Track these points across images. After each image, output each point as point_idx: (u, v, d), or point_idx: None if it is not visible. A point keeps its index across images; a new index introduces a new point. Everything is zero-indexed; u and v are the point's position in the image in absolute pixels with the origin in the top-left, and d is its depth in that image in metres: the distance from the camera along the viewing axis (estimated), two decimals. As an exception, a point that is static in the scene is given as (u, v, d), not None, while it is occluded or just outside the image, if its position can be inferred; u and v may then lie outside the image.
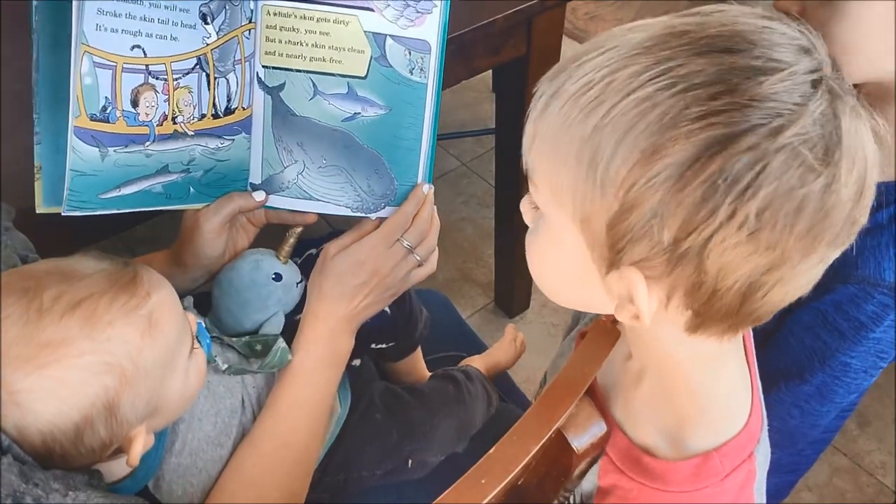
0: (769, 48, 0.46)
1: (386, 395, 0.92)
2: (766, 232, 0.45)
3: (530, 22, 1.19)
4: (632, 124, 0.45)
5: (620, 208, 0.47)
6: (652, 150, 0.45)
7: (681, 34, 0.47)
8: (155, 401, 0.65)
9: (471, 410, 0.95)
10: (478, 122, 2.26)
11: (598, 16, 2.70)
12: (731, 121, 0.44)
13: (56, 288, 0.60)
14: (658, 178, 0.45)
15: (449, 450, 0.93)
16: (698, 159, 0.44)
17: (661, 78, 0.45)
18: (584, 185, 0.48)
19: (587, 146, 0.47)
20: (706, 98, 0.44)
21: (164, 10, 0.72)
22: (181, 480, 0.73)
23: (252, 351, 0.79)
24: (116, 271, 0.64)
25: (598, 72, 0.47)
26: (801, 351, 0.86)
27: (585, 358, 0.61)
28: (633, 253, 0.48)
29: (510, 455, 0.55)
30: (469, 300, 1.83)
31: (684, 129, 0.44)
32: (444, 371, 1.00)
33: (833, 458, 1.56)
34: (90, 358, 0.60)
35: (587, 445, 0.61)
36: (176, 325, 0.67)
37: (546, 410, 0.58)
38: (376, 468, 0.89)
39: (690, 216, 0.45)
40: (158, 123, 0.74)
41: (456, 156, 2.17)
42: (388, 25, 0.78)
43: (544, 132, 0.50)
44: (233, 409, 0.77)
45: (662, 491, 0.57)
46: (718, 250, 0.46)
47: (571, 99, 0.48)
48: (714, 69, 0.45)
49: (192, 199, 0.81)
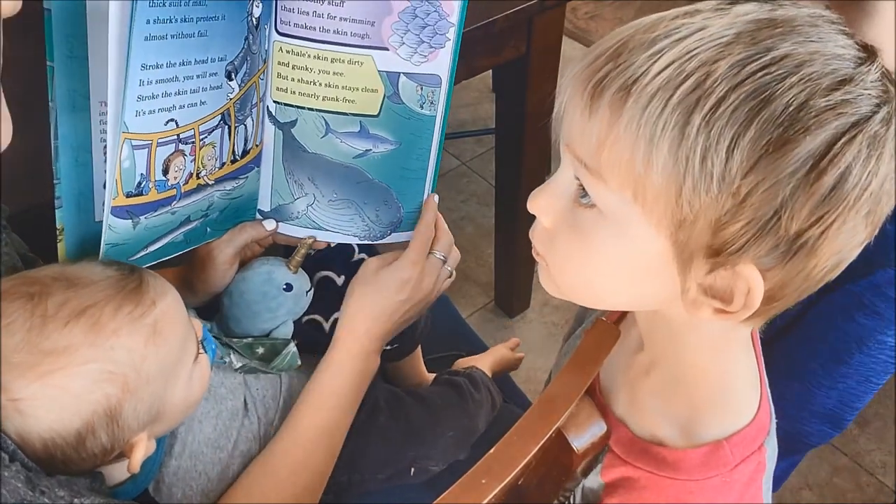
0: (842, 38, 0.47)
1: (391, 399, 0.92)
2: (874, 210, 0.46)
3: (530, 22, 1.19)
4: (750, 118, 0.43)
5: (738, 205, 0.45)
6: (780, 143, 0.43)
7: (765, 21, 0.46)
8: (157, 407, 0.65)
9: (475, 420, 0.95)
10: (478, 121, 2.26)
11: (598, 15, 2.70)
12: (854, 110, 0.44)
13: (61, 294, 0.60)
14: (788, 170, 0.44)
15: (451, 458, 0.93)
16: (832, 148, 0.44)
17: (772, 69, 0.44)
18: (693, 183, 0.45)
19: (697, 141, 0.44)
20: (828, 87, 0.44)
21: (196, 79, 0.70)
22: (181, 483, 0.72)
23: (252, 353, 0.79)
24: (122, 278, 0.64)
25: (688, 61, 0.44)
26: (835, 334, 0.86)
27: (585, 358, 0.60)
28: (754, 249, 0.46)
29: (510, 455, 0.55)
30: (469, 300, 1.83)
31: (813, 121, 0.44)
32: (449, 377, 1.00)
33: (833, 458, 1.56)
34: (93, 366, 0.60)
35: (587, 445, 0.61)
36: (180, 333, 0.67)
37: (546, 410, 0.58)
38: (378, 472, 0.88)
39: (819, 206, 0.45)
40: (184, 182, 0.74)
41: (456, 155, 2.17)
42: (403, 63, 0.78)
43: (628, 124, 0.45)
44: (234, 412, 0.77)
45: (671, 479, 0.57)
46: (835, 234, 0.46)
47: (662, 90, 0.44)
48: (821, 59, 0.45)
49: (208, 237, 0.81)
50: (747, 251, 0.46)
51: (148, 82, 0.65)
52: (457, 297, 1.81)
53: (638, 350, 0.63)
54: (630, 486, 0.60)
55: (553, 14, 1.20)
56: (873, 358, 0.87)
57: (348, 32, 0.76)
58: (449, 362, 1.09)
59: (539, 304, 1.82)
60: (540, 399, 0.59)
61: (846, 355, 0.87)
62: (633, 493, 0.59)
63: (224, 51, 0.71)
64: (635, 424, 0.61)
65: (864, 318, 0.84)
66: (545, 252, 0.55)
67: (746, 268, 0.47)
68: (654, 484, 0.58)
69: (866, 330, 0.85)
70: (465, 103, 2.30)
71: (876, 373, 0.89)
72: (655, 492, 0.58)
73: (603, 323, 0.63)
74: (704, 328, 0.55)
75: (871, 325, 0.84)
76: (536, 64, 1.25)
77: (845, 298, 0.84)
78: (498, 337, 1.76)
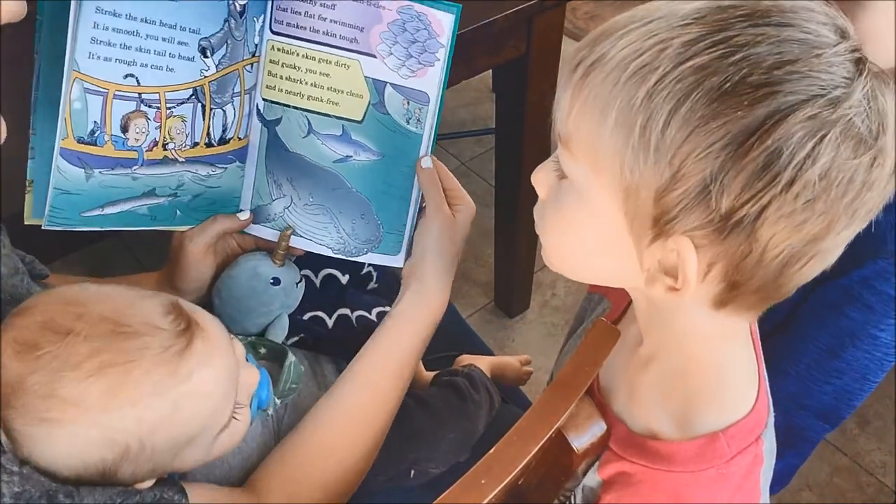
0: (816, 25, 0.47)
1: None
2: (820, 201, 0.46)
3: (530, 22, 1.19)
4: (689, 91, 0.45)
5: (674, 176, 0.46)
6: (712, 116, 0.45)
7: (730, 7, 0.47)
8: (161, 469, 0.63)
9: (475, 422, 0.95)
10: (478, 122, 2.26)
11: (598, 16, 2.70)
12: (794, 90, 0.44)
13: (101, 340, 0.57)
14: (718, 144, 0.45)
15: (452, 461, 0.93)
16: (762, 126, 0.44)
17: (720, 46, 0.45)
18: (633, 153, 0.47)
19: (639, 112, 0.46)
20: (767, 67, 0.44)
21: (162, 41, 0.72)
22: (204, 470, 0.71)
23: (256, 352, 0.79)
24: (171, 337, 0.60)
25: (648, 39, 0.47)
26: (826, 329, 0.86)
27: (585, 358, 0.61)
28: (685, 221, 0.47)
29: (510, 455, 0.55)
30: (469, 300, 1.83)
31: (746, 97, 0.44)
32: (448, 377, 1.00)
33: (833, 458, 1.56)
34: (96, 433, 0.57)
35: (587, 445, 0.61)
36: (211, 405, 0.63)
37: (546, 410, 0.58)
38: (378, 474, 0.88)
39: (750, 183, 0.45)
40: (148, 149, 0.74)
41: (456, 155, 2.17)
42: (390, 73, 0.78)
43: (587, 97, 0.49)
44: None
45: (666, 472, 0.57)
46: (773, 218, 0.46)
47: (620, 65, 0.47)
48: (772, 39, 0.45)
49: (178, 222, 0.81)
50: (680, 221, 0.48)
51: (104, 27, 0.68)
52: (457, 298, 1.81)
53: (637, 346, 0.64)
54: (626, 480, 0.60)
55: (553, 14, 1.20)
56: (868, 354, 0.87)
57: (337, 35, 0.77)
58: (449, 362, 1.09)
59: (539, 304, 1.82)
60: (540, 399, 0.59)
61: (839, 349, 0.87)
62: (629, 487, 0.60)
63: (198, 24, 0.73)
64: (632, 420, 0.62)
65: (855, 311, 0.84)
66: (539, 225, 0.59)
67: (680, 239, 0.48)
68: (650, 478, 0.58)
69: (857, 324, 0.85)
70: (465, 103, 2.30)
71: (872, 370, 0.89)
72: (650, 485, 0.58)
73: (603, 323, 0.63)
74: (701, 320, 0.55)
75: (863, 319, 0.84)
76: (536, 64, 1.24)
77: (835, 292, 0.84)
78: (498, 337, 1.76)
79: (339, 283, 0.89)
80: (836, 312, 0.85)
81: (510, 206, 1.53)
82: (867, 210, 0.48)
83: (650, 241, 0.50)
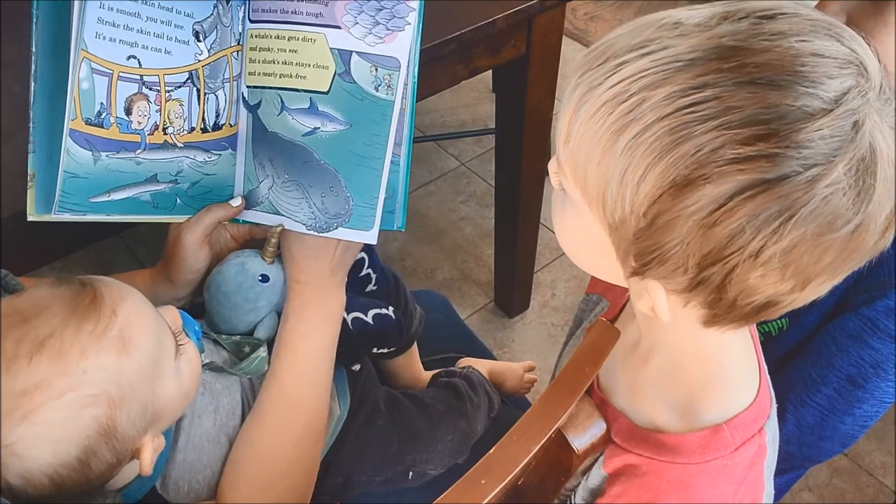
0: (816, 81, 0.44)
1: (389, 402, 0.92)
2: (790, 268, 0.46)
3: (530, 22, 1.19)
4: (664, 152, 0.45)
5: (647, 227, 0.47)
6: (684, 182, 0.45)
7: (727, 52, 0.45)
8: (151, 409, 0.64)
9: (473, 424, 0.95)
10: (478, 122, 2.26)
11: (598, 16, 2.70)
12: (766, 167, 0.43)
13: (17, 331, 0.58)
14: (687, 210, 0.45)
15: (450, 462, 0.93)
16: (729, 201, 0.44)
17: (699, 108, 0.44)
18: (613, 197, 0.48)
19: (618, 162, 0.47)
20: (742, 141, 0.43)
21: (160, 24, 0.74)
22: (187, 477, 0.72)
23: (240, 351, 0.79)
24: (75, 295, 0.62)
25: (636, 81, 0.46)
26: (848, 359, 0.85)
27: (585, 358, 0.61)
28: (657, 271, 0.49)
29: (510, 455, 0.55)
30: (469, 300, 1.83)
31: (717, 170, 0.44)
32: (447, 378, 1.00)
33: (833, 459, 1.56)
34: (71, 395, 0.58)
35: (587, 445, 0.61)
36: (152, 333, 0.65)
37: (546, 410, 0.58)
38: (376, 475, 0.88)
39: (716, 250, 0.46)
40: (150, 133, 0.75)
41: (456, 156, 2.17)
42: (355, 42, 0.78)
43: (577, 134, 0.50)
44: (232, 408, 0.77)
45: (671, 463, 0.58)
46: (741, 278, 0.47)
47: (605, 106, 0.47)
48: (754, 108, 0.43)
49: (178, 211, 0.81)
50: (652, 269, 0.49)
51: (110, 8, 0.70)
52: (456, 298, 1.81)
53: (636, 342, 0.64)
54: (631, 472, 0.60)
55: (553, 14, 1.20)
56: (890, 383, 0.86)
57: (304, 12, 0.79)
58: (448, 363, 1.09)
59: (539, 304, 1.82)
60: (540, 399, 0.59)
61: (862, 380, 0.86)
62: (633, 479, 0.60)
63: (192, 8, 0.76)
64: (635, 413, 0.62)
65: (879, 342, 0.83)
66: (552, 211, 0.60)
67: (651, 283, 0.50)
68: (655, 469, 0.59)
69: (882, 355, 0.84)
70: (465, 103, 2.30)
71: (890, 394, 0.88)
72: (656, 476, 0.59)
73: (602, 323, 0.63)
74: (696, 324, 0.55)
75: (888, 350, 0.84)
76: (536, 64, 1.24)
77: (858, 322, 0.83)
78: (498, 337, 1.76)
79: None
80: (858, 343, 0.84)
81: (510, 206, 1.53)
82: (856, 263, 0.48)
83: (630, 273, 0.52)
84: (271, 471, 0.75)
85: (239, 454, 0.75)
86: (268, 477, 0.75)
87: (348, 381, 0.90)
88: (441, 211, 2.01)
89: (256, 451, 0.75)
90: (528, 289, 1.78)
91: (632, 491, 0.60)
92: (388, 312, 0.92)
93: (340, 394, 0.88)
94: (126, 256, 1.84)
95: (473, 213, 2.01)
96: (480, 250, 1.92)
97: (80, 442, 0.59)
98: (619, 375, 0.65)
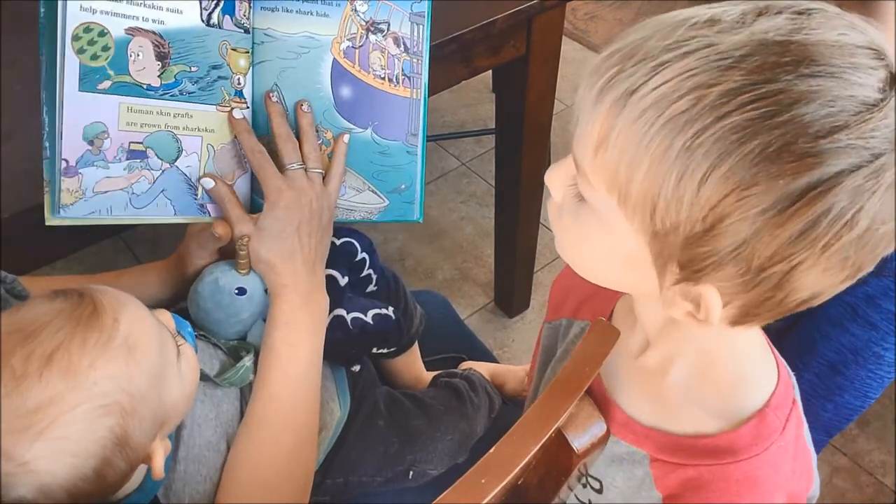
0: (865, 73, 0.44)
1: (390, 402, 0.92)
2: (851, 259, 0.46)
3: (530, 22, 1.19)
4: (729, 151, 0.43)
5: (706, 232, 0.45)
6: (752, 182, 0.43)
7: (778, 46, 0.44)
8: (160, 415, 0.65)
9: (473, 424, 0.95)
10: (478, 122, 2.26)
11: (598, 16, 2.70)
12: (838, 160, 0.42)
13: (22, 349, 0.58)
14: (756, 210, 0.44)
15: (450, 462, 0.93)
16: (803, 196, 0.43)
17: (762, 104, 0.43)
18: (666, 203, 0.46)
19: (675, 164, 0.45)
20: (813, 134, 0.42)
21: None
22: (188, 488, 0.72)
23: (238, 356, 0.79)
24: (74, 308, 0.62)
25: (686, 80, 0.44)
26: (829, 345, 0.86)
27: (585, 358, 0.61)
28: (714, 275, 0.47)
29: (510, 455, 0.55)
30: (469, 300, 1.83)
31: (789, 166, 0.42)
32: (447, 378, 1.00)
33: (833, 458, 1.56)
34: (84, 407, 0.58)
35: (587, 445, 0.61)
36: (154, 338, 0.65)
37: (546, 410, 0.58)
38: (376, 475, 0.88)
39: (784, 248, 0.44)
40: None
41: (456, 155, 2.17)
42: None
43: (619, 135, 0.47)
44: (231, 416, 0.77)
45: (734, 463, 0.57)
46: (803, 273, 0.46)
47: (656, 105, 0.45)
48: (819, 98, 0.42)
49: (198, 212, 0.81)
50: (708, 274, 0.47)
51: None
52: (456, 298, 1.81)
53: (639, 353, 0.63)
54: (694, 485, 0.59)
55: (553, 14, 1.20)
56: (871, 373, 0.86)
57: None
58: (448, 363, 1.09)
59: (539, 304, 1.82)
60: (540, 399, 0.59)
61: (842, 366, 0.86)
62: (700, 491, 0.59)
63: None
64: (672, 427, 0.61)
65: (859, 328, 0.84)
66: (553, 223, 0.58)
67: (707, 288, 0.48)
68: (719, 474, 0.58)
69: (861, 341, 0.84)
70: (465, 103, 2.30)
71: (873, 387, 0.88)
72: (723, 482, 0.58)
73: (602, 323, 0.63)
74: (717, 326, 0.55)
75: (866, 337, 0.84)
76: (536, 64, 1.24)
77: (839, 309, 0.84)
78: (498, 337, 1.76)
79: (338, 284, 0.89)
80: (839, 329, 0.85)
81: (510, 206, 1.53)
82: (867, 260, 0.48)
83: (675, 280, 0.50)
84: (266, 485, 0.74)
85: (233, 470, 0.74)
86: (262, 491, 0.74)
87: (348, 381, 0.90)
88: (441, 211, 2.01)
89: (250, 466, 0.75)
90: (527, 289, 1.78)
91: (706, 502, 0.59)
92: (388, 313, 0.91)
93: (340, 394, 0.88)
94: (126, 256, 1.84)
95: (473, 212, 2.01)
96: (480, 250, 1.92)
97: (96, 453, 0.59)
98: (636, 392, 0.64)
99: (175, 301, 0.86)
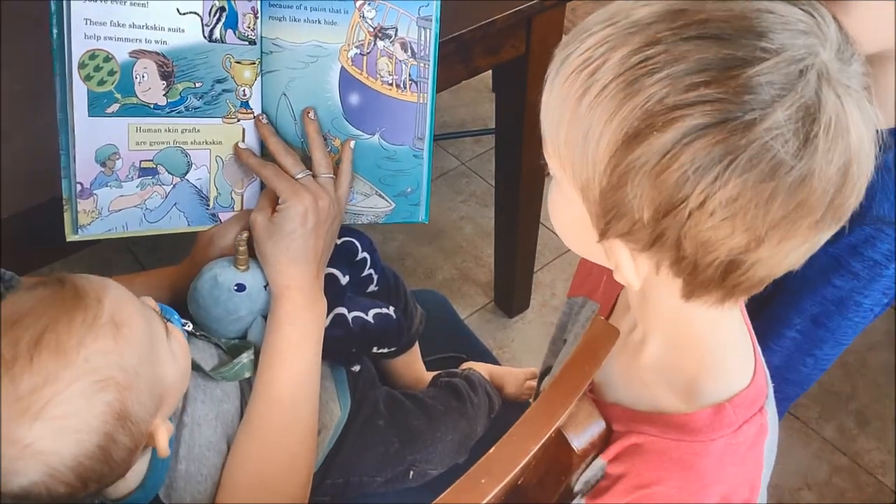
0: (761, 34, 0.46)
1: (390, 402, 0.92)
2: (738, 218, 0.47)
3: (530, 22, 1.19)
4: (618, 107, 0.47)
5: (608, 184, 0.49)
6: (634, 134, 0.46)
7: (677, 13, 0.47)
8: (157, 390, 0.65)
9: (473, 424, 0.95)
10: (478, 122, 2.26)
11: (598, 15, 2.70)
12: (707, 112, 0.45)
13: (8, 335, 0.58)
14: (638, 161, 0.47)
15: (450, 463, 0.93)
16: (673, 148, 0.45)
17: (648, 63, 0.46)
18: (580, 160, 0.50)
19: (582, 123, 0.49)
20: (684, 89, 0.45)
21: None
22: (189, 488, 0.72)
23: (237, 355, 0.79)
24: (55, 293, 0.62)
25: (598, 48, 0.48)
26: (813, 299, 0.86)
27: (585, 358, 0.61)
28: (617, 227, 0.50)
29: (510, 455, 0.55)
30: (468, 300, 1.83)
31: (662, 118, 0.45)
32: (447, 378, 1.00)
33: (833, 458, 1.56)
34: (79, 384, 0.59)
35: (587, 445, 0.61)
36: (141, 316, 0.66)
37: (546, 410, 0.58)
38: (377, 475, 0.88)
39: (666, 199, 0.47)
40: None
41: (456, 155, 2.17)
42: None
43: (550, 105, 0.52)
44: (232, 416, 0.77)
45: (677, 441, 0.58)
46: (694, 232, 0.48)
47: (573, 74, 0.49)
48: (696, 57, 0.45)
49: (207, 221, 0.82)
50: (613, 227, 0.51)
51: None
52: (456, 297, 1.81)
53: (628, 333, 0.65)
54: (634, 451, 0.60)
55: (553, 14, 1.20)
56: (849, 321, 0.86)
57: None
58: (448, 363, 1.09)
59: (539, 304, 1.82)
60: (540, 399, 0.59)
61: (825, 318, 0.86)
62: (636, 457, 0.60)
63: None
64: (634, 402, 0.63)
65: (841, 279, 0.83)
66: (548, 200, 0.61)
67: (614, 242, 0.52)
68: (660, 447, 0.59)
69: (844, 292, 0.84)
70: (465, 103, 2.30)
71: (849, 336, 0.88)
72: (659, 455, 0.59)
73: (601, 322, 0.63)
74: (685, 304, 0.56)
75: (849, 287, 0.84)
76: (536, 64, 1.24)
77: (824, 260, 0.83)
78: (498, 337, 1.76)
79: (339, 284, 0.89)
80: (823, 281, 0.85)
81: (510, 206, 1.53)
82: (814, 220, 0.48)
83: (598, 237, 0.53)
84: (267, 485, 0.75)
85: (233, 470, 0.74)
86: (263, 491, 0.74)
87: (348, 381, 0.90)
88: (441, 210, 2.01)
89: (251, 466, 0.75)
90: (527, 288, 1.78)
91: (634, 469, 0.60)
92: (388, 312, 0.92)
93: (341, 395, 0.88)
94: (126, 256, 1.84)
95: (473, 212, 2.01)
96: (480, 250, 1.92)
97: (98, 428, 0.60)
98: (612, 368, 0.65)
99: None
